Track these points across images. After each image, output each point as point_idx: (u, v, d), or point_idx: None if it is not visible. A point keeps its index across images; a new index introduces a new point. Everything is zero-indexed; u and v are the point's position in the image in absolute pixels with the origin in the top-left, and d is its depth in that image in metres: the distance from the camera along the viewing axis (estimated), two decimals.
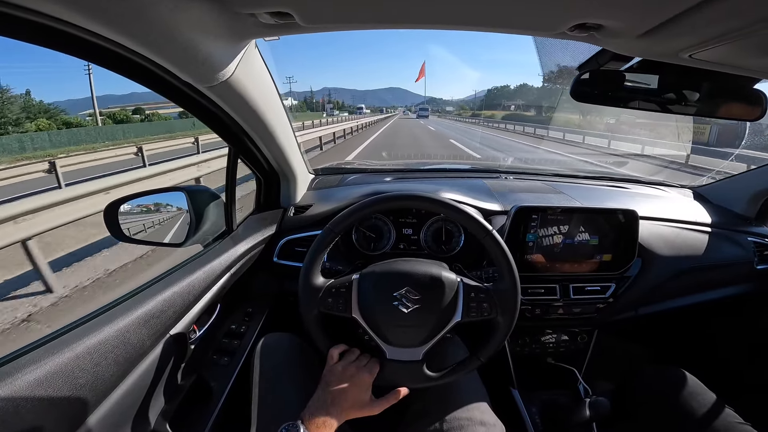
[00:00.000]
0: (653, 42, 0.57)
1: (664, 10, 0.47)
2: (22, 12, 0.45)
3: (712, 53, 0.57)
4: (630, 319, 1.24)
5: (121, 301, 0.73)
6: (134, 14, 0.48)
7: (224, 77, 0.70)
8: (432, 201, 0.84)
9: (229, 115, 0.87)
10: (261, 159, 1.12)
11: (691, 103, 0.83)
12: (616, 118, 18.45)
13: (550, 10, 0.53)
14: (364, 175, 1.62)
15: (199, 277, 0.86)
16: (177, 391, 0.88)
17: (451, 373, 0.80)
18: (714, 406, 0.97)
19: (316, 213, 1.24)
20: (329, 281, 0.82)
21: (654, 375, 1.12)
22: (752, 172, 1.41)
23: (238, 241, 1.03)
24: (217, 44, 0.63)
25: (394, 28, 0.62)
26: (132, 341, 0.68)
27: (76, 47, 0.54)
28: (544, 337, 1.31)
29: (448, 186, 1.33)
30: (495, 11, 0.56)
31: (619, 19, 0.52)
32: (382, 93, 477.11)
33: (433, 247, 1.21)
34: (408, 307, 0.76)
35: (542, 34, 0.63)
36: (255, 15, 0.57)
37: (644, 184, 1.62)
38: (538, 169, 1.77)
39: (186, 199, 1.04)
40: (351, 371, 0.78)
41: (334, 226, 0.82)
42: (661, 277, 1.19)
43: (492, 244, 0.79)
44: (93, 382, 0.60)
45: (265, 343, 0.94)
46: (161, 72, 0.66)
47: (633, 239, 1.11)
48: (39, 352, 0.56)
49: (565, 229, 1.11)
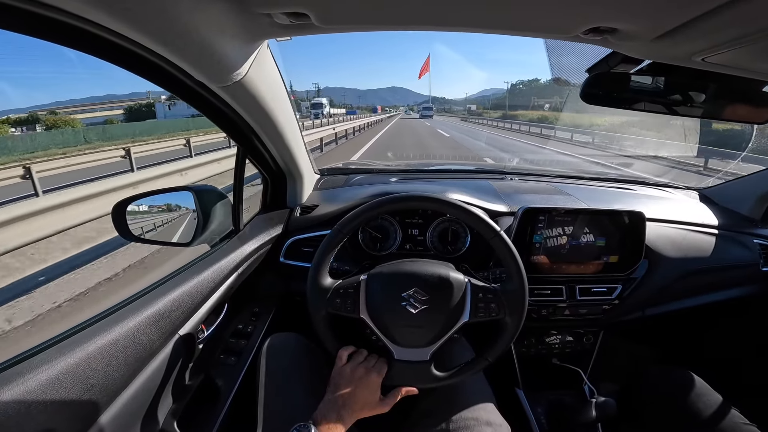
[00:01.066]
0: (667, 45, 0.57)
1: (680, 15, 0.47)
2: (44, 9, 0.45)
3: (725, 57, 0.57)
4: (636, 320, 1.24)
5: (130, 300, 0.73)
6: (155, 14, 0.49)
7: (238, 77, 0.71)
8: (440, 202, 0.84)
9: (239, 114, 0.87)
10: (269, 159, 1.12)
11: (697, 105, 0.83)
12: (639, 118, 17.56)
13: (565, 13, 0.53)
14: (369, 176, 1.62)
15: (206, 277, 0.86)
16: (185, 391, 0.88)
17: (458, 374, 0.81)
18: (720, 408, 0.97)
19: (322, 213, 1.24)
20: (337, 282, 0.82)
21: (660, 375, 1.12)
22: (758, 174, 1.41)
23: (245, 241, 1.04)
24: (233, 44, 0.63)
25: (410, 29, 0.62)
26: (142, 341, 0.68)
27: (94, 46, 0.55)
28: (550, 338, 1.31)
29: (455, 187, 1.33)
30: (511, 14, 0.56)
31: (634, 23, 0.52)
32: (383, 92, 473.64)
33: (440, 248, 1.21)
34: (416, 307, 0.77)
35: (556, 37, 0.63)
36: (271, 15, 0.57)
37: (650, 186, 1.62)
38: (543, 170, 1.77)
39: (194, 198, 1.04)
40: (360, 373, 0.78)
41: (342, 227, 0.82)
42: (667, 279, 1.19)
43: (500, 245, 0.79)
44: (104, 382, 0.60)
45: (271, 343, 0.94)
46: (175, 71, 0.66)
47: (640, 241, 1.11)
48: (51, 352, 0.56)
49: (572, 231, 1.11)
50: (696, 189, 1.61)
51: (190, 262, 0.92)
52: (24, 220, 3.23)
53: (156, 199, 1.04)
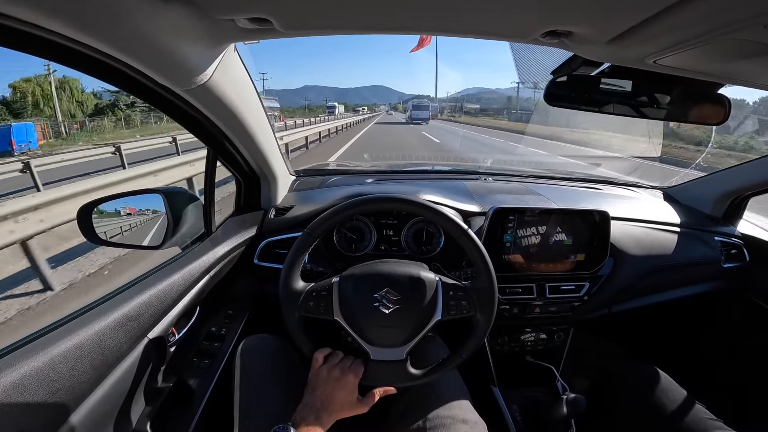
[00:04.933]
0: (620, 48, 0.59)
1: (629, 18, 0.49)
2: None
3: (675, 59, 0.60)
4: (604, 316, 1.28)
5: (97, 304, 0.72)
6: (111, 20, 0.48)
7: (203, 80, 0.70)
8: (409, 203, 0.85)
9: (207, 117, 0.86)
10: (241, 161, 1.11)
11: (662, 107, 0.87)
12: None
13: (522, 17, 0.55)
14: (345, 177, 1.63)
15: (177, 280, 0.85)
16: (157, 394, 0.87)
17: (434, 371, 0.82)
18: (685, 403, 1.00)
19: (297, 215, 1.24)
20: (310, 285, 0.82)
21: (628, 371, 1.15)
22: (720, 174, 1.47)
23: (217, 244, 1.03)
24: (195, 48, 0.63)
25: (372, 33, 0.63)
26: (109, 345, 0.67)
27: (52, 51, 0.53)
28: (523, 336, 1.34)
29: (429, 187, 1.34)
30: (470, 18, 0.58)
31: (587, 26, 0.54)
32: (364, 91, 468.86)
33: (414, 248, 1.22)
34: (389, 307, 0.77)
35: (516, 40, 0.65)
36: (234, 20, 0.57)
37: (617, 185, 1.67)
38: (516, 170, 1.81)
39: (163, 201, 1.02)
40: (336, 374, 0.79)
41: (312, 230, 0.82)
42: (632, 276, 1.23)
43: (468, 243, 0.81)
44: (70, 385, 0.59)
45: (246, 345, 0.94)
46: (138, 76, 0.65)
47: (605, 239, 1.15)
48: (15, 355, 0.55)
49: (542, 230, 1.14)
50: (660, 188, 1.66)
51: (159, 264, 0.91)
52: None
53: (123, 202, 1.02)
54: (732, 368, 1.43)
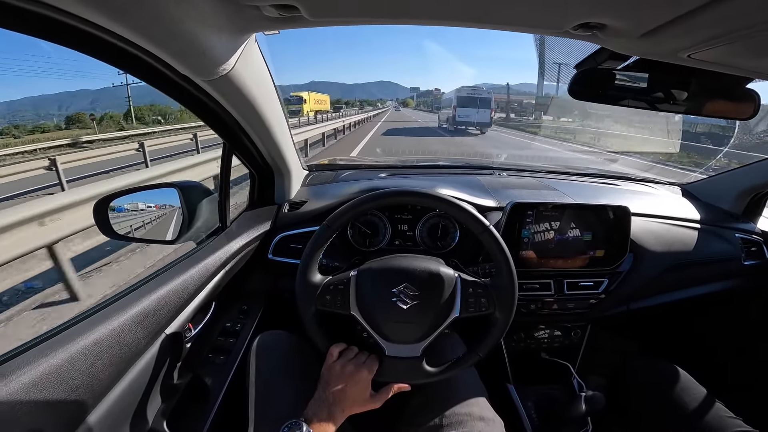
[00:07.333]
0: (653, 42, 0.57)
1: (667, 12, 0.48)
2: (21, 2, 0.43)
3: (710, 54, 0.58)
4: (622, 314, 1.26)
5: (115, 299, 0.71)
6: (138, 5, 0.47)
7: (224, 71, 0.69)
8: (430, 197, 0.84)
9: (225, 109, 0.86)
10: (256, 155, 1.10)
11: (682, 101, 0.85)
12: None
13: (556, 8, 0.53)
14: (358, 171, 1.62)
15: (193, 275, 0.85)
16: (174, 391, 0.87)
17: (450, 369, 0.80)
18: (705, 401, 0.99)
19: (311, 209, 1.23)
20: (327, 278, 0.81)
21: (645, 367, 1.14)
22: (739, 170, 1.44)
23: (232, 238, 1.02)
24: (219, 37, 0.62)
25: (401, 23, 0.62)
26: (127, 341, 0.66)
27: (75, 39, 0.52)
28: (538, 333, 1.33)
29: (443, 182, 1.33)
30: (503, 8, 0.56)
31: (623, 19, 0.52)
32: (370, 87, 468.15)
33: (429, 243, 1.21)
34: (407, 303, 0.76)
35: (546, 33, 0.63)
36: (259, 8, 0.56)
37: (634, 181, 1.65)
38: (530, 165, 1.78)
39: (178, 195, 1.02)
40: (350, 369, 0.78)
41: (331, 223, 0.81)
42: (652, 273, 1.21)
43: (490, 240, 0.80)
44: (89, 382, 0.58)
45: (260, 341, 0.93)
46: (159, 65, 0.64)
47: (625, 235, 1.13)
48: (33, 353, 0.55)
49: (559, 225, 1.12)
50: (679, 184, 1.64)
51: (175, 259, 0.91)
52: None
53: (139, 196, 1.01)
54: (748, 367, 1.41)
